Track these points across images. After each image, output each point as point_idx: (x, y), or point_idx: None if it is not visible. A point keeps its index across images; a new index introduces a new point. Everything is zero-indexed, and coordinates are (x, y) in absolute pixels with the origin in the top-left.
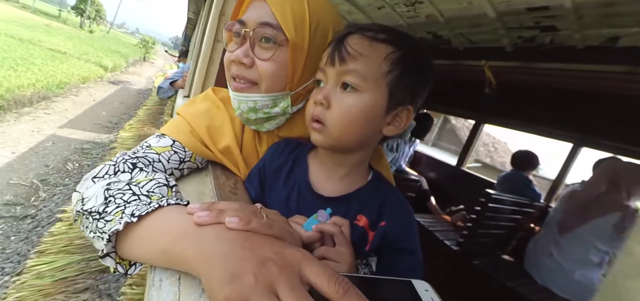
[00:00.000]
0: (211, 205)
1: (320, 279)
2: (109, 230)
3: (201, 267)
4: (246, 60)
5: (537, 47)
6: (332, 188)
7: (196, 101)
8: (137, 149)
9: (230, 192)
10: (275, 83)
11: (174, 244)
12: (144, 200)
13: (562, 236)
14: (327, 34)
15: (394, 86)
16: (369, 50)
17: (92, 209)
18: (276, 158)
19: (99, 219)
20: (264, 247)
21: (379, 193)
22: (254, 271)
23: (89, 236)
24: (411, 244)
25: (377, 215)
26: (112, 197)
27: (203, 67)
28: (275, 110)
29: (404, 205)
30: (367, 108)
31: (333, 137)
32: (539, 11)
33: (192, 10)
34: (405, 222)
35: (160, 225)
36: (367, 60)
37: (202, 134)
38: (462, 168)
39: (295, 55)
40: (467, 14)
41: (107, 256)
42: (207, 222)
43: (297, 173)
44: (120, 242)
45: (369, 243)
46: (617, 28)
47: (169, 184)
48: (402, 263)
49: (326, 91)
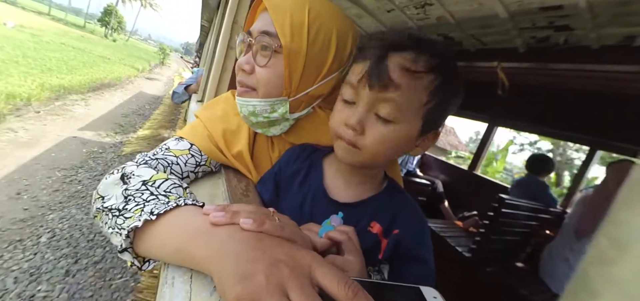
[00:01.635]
0: (226, 207)
1: (330, 281)
2: (128, 226)
3: (213, 266)
4: (246, 67)
5: (550, 47)
6: (346, 194)
7: (214, 104)
8: (156, 151)
9: (242, 195)
10: (272, 89)
11: (188, 243)
12: (162, 199)
13: (578, 240)
14: (330, 39)
15: (430, 115)
16: (409, 80)
17: (112, 206)
18: (292, 163)
19: (118, 216)
20: (275, 249)
21: (393, 201)
22: (265, 271)
23: (107, 232)
24: (424, 253)
25: (390, 222)
26: (131, 197)
27: (216, 74)
28: (274, 115)
29: (418, 214)
30: (402, 138)
31: (366, 161)
32: (553, 10)
33: (206, 18)
34: (418, 231)
35: (176, 224)
36: (406, 92)
37: (218, 139)
38: (474, 172)
39: (290, 60)
40: (478, 14)
41: (126, 251)
42: (222, 222)
43: (312, 178)
44: (137, 239)
45: (382, 251)
46: (633, 27)
47: (183, 185)
48: (413, 272)
49: (360, 116)
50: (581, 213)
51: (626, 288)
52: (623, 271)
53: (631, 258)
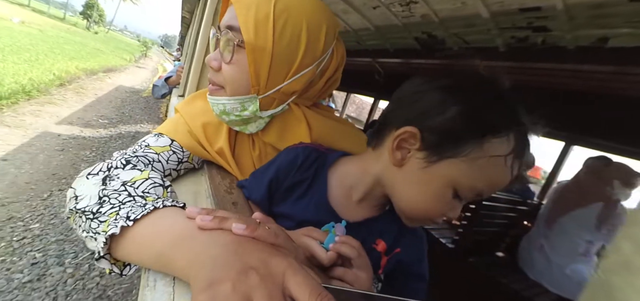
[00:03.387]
0: (212, 212)
1: (301, 291)
2: (103, 232)
3: (190, 271)
4: (214, 64)
5: (529, 47)
6: (354, 213)
7: (195, 98)
8: (136, 148)
9: (226, 192)
10: (238, 87)
11: (169, 249)
12: (139, 201)
13: (549, 229)
14: (299, 33)
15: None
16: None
17: (85, 208)
18: (293, 173)
19: (92, 219)
20: (252, 254)
21: (397, 220)
22: (233, 279)
23: (82, 235)
24: (423, 270)
25: (393, 242)
26: (107, 197)
27: (197, 67)
28: (245, 114)
29: (419, 233)
30: None
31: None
32: (531, 11)
33: (187, 9)
34: (419, 250)
35: (155, 228)
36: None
37: (198, 134)
38: None
39: (256, 57)
40: (461, 14)
41: (102, 258)
42: (210, 226)
43: (315, 192)
44: (114, 244)
45: (382, 267)
46: (606, 29)
47: (164, 185)
48: (411, 286)
49: (457, 212)
50: (552, 203)
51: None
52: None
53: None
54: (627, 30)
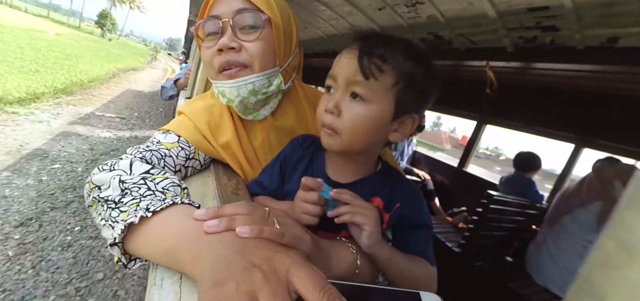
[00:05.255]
0: (220, 210)
1: (305, 287)
2: (122, 220)
3: (196, 270)
4: (234, 44)
5: (537, 47)
6: (347, 177)
7: (197, 100)
8: (149, 144)
9: (232, 193)
10: (267, 61)
11: (178, 245)
12: (159, 196)
13: (552, 230)
14: (288, 12)
15: (401, 97)
16: (379, 62)
17: (108, 197)
18: (296, 151)
19: (114, 208)
20: (256, 252)
21: (389, 178)
22: (237, 278)
23: (100, 223)
24: (424, 218)
25: (389, 198)
26: (128, 190)
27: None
28: (271, 89)
29: (413, 187)
30: (376, 117)
31: (345, 143)
32: (540, 11)
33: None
34: (417, 202)
35: (169, 224)
36: (375, 76)
37: (203, 130)
38: (463, 169)
39: (277, 31)
40: (468, 14)
41: (115, 246)
42: (217, 230)
43: (315, 165)
44: (130, 235)
45: (386, 223)
46: (616, 28)
47: (181, 185)
48: (417, 236)
49: (336, 100)
50: (556, 204)
51: (636, 292)
52: (633, 275)
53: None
54: (637, 30)
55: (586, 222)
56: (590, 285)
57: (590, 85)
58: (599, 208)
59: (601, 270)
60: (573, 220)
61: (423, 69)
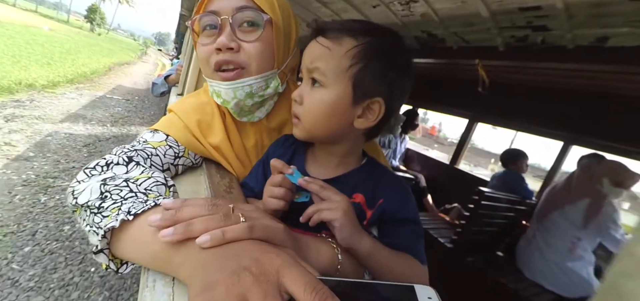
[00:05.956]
0: (176, 215)
1: (297, 287)
2: (104, 225)
3: (186, 274)
4: (233, 45)
5: (529, 46)
6: (327, 173)
7: (188, 98)
8: (134, 144)
9: (225, 191)
10: (265, 63)
11: (163, 249)
12: (141, 197)
13: (540, 223)
14: (288, 10)
15: (357, 79)
16: (331, 47)
17: (87, 203)
18: (278, 149)
19: (96, 213)
20: (243, 254)
21: (374, 173)
22: (226, 282)
23: (85, 229)
24: (411, 214)
25: (372, 193)
26: (109, 193)
27: (196, 66)
28: (268, 92)
29: (399, 181)
30: (332, 101)
31: (306, 130)
32: (531, 11)
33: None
34: (402, 196)
35: None
36: (328, 57)
37: (193, 129)
38: (455, 166)
39: (277, 32)
40: (461, 12)
41: (101, 253)
42: (173, 240)
43: (295, 162)
44: (115, 240)
45: (367, 219)
46: (606, 28)
47: (167, 183)
48: (403, 232)
49: (301, 89)
50: (545, 200)
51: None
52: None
53: None
54: (627, 30)
55: (574, 218)
56: (618, 293)
57: (580, 84)
58: (586, 205)
59: (630, 278)
60: (562, 215)
61: (385, 48)
